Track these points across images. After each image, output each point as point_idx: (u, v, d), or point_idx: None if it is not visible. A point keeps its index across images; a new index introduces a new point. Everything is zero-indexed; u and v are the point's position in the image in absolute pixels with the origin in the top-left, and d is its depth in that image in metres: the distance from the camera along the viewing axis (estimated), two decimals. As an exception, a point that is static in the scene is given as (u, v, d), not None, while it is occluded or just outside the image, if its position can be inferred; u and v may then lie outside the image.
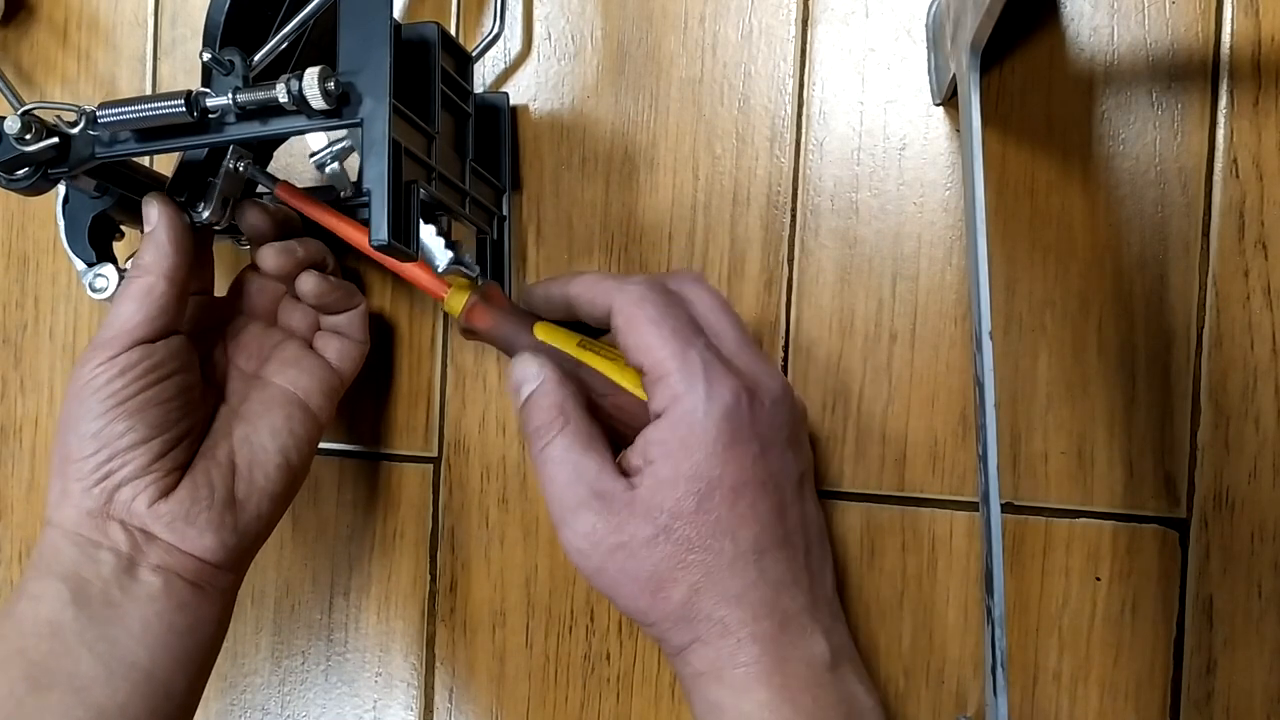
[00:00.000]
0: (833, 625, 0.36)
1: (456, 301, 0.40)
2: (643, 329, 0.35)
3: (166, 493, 0.36)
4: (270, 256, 0.40)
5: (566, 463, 0.35)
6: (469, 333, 0.41)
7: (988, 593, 0.34)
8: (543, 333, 0.39)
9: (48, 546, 0.36)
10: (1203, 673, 0.39)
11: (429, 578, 0.46)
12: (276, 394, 0.40)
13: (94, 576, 0.35)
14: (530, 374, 0.37)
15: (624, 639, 0.44)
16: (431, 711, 0.47)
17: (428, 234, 0.38)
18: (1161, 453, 0.40)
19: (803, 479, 0.37)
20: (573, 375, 0.38)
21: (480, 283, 0.41)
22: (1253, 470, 0.39)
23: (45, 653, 0.34)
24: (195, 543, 0.36)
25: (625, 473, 0.36)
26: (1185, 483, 0.40)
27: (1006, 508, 0.41)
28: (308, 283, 0.40)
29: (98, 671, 0.34)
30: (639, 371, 0.36)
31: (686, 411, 0.34)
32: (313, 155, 0.40)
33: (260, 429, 0.39)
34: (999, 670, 0.33)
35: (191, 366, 0.38)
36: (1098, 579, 0.40)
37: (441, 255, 0.38)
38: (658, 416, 0.35)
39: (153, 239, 0.37)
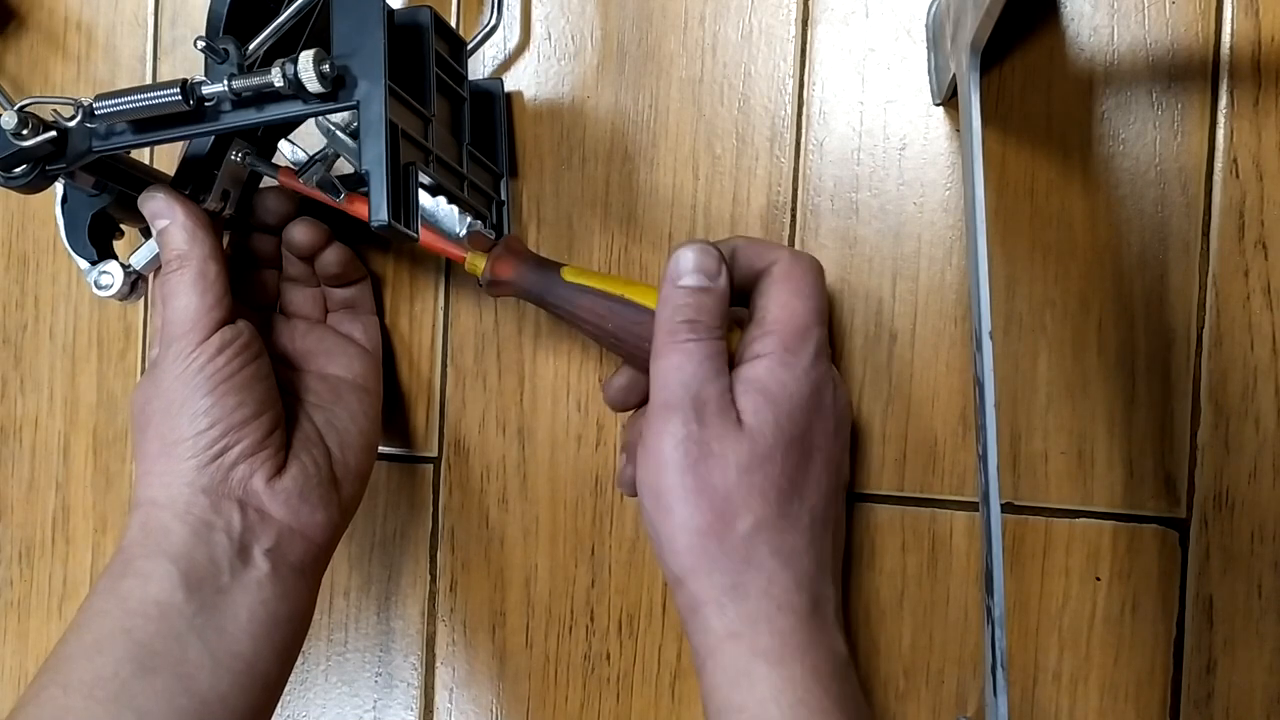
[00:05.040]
0: (841, 634, 0.37)
1: (479, 259, 0.40)
2: (796, 289, 0.36)
3: (279, 470, 0.37)
4: (303, 231, 0.41)
5: (701, 365, 0.35)
6: (496, 284, 0.40)
7: (988, 593, 0.34)
8: (572, 275, 0.39)
9: (155, 525, 0.35)
10: (1203, 673, 0.39)
11: (429, 578, 0.46)
12: (338, 383, 0.41)
13: (206, 559, 0.35)
14: (713, 270, 0.36)
15: (624, 639, 0.44)
16: (431, 711, 0.47)
17: (440, 204, 0.39)
18: (1161, 453, 0.40)
19: (845, 489, 0.39)
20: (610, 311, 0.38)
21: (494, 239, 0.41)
22: (1253, 470, 0.39)
23: (152, 634, 0.34)
24: (309, 519, 0.37)
25: None
26: (1185, 483, 0.40)
27: (1006, 508, 0.41)
28: (332, 254, 0.42)
29: (204, 660, 0.34)
30: (755, 318, 0.37)
31: (789, 363, 0.35)
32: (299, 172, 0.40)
33: (339, 414, 0.40)
34: (999, 670, 0.33)
35: (265, 352, 0.39)
36: (1098, 579, 0.40)
37: (460, 221, 0.39)
38: (756, 359, 0.36)
39: (176, 227, 0.37)
